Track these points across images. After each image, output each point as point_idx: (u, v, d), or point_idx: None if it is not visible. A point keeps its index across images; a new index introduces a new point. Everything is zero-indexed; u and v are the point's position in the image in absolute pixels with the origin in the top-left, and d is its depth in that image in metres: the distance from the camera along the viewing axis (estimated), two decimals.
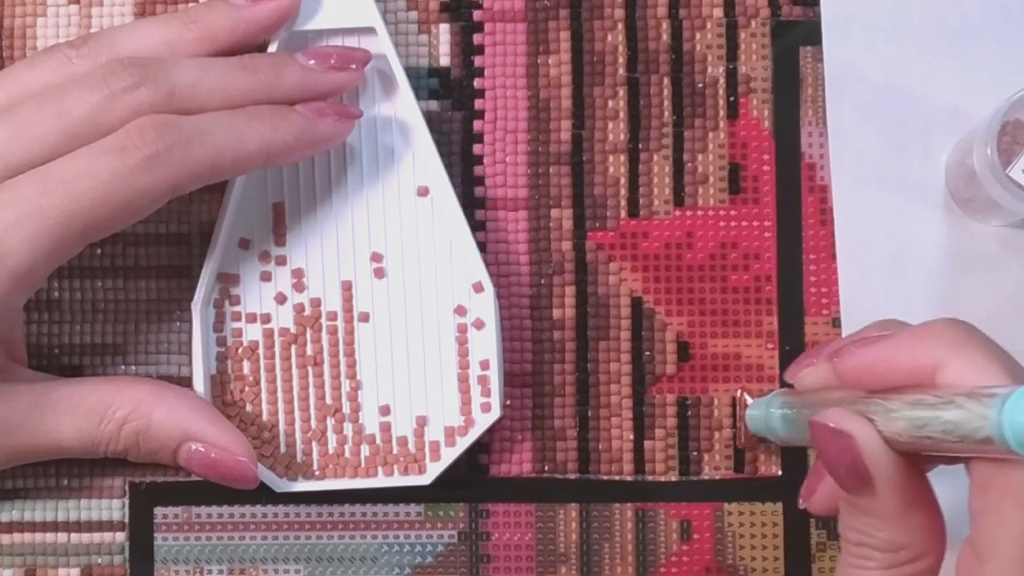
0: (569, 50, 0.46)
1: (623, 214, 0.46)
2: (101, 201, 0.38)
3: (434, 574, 0.46)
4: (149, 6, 0.46)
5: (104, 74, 0.40)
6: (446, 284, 0.45)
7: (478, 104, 0.46)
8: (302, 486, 0.45)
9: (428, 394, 0.45)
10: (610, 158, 0.46)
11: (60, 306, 0.46)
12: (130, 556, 0.46)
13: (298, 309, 0.45)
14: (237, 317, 0.45)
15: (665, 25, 0.46)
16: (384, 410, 0.45)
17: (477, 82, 0.46)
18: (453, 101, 0.46)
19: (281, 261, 0.45)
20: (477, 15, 0.46)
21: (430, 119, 0.45)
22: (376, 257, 0.45)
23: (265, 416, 0.45)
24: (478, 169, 0.46)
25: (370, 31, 0.44)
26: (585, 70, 0.46)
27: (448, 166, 0.45)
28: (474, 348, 0.45)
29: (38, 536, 0.46)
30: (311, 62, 0.42)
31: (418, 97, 0.45)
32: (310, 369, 0.45)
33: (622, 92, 0.46)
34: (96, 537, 0.46)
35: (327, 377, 0.45)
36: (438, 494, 0.45)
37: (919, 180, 0.46)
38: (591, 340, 0.46)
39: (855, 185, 0.46)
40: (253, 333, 0.45)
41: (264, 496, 0.45)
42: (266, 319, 0.45)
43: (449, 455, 0.45)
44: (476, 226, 0.46)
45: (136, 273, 0.46)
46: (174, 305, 0.46)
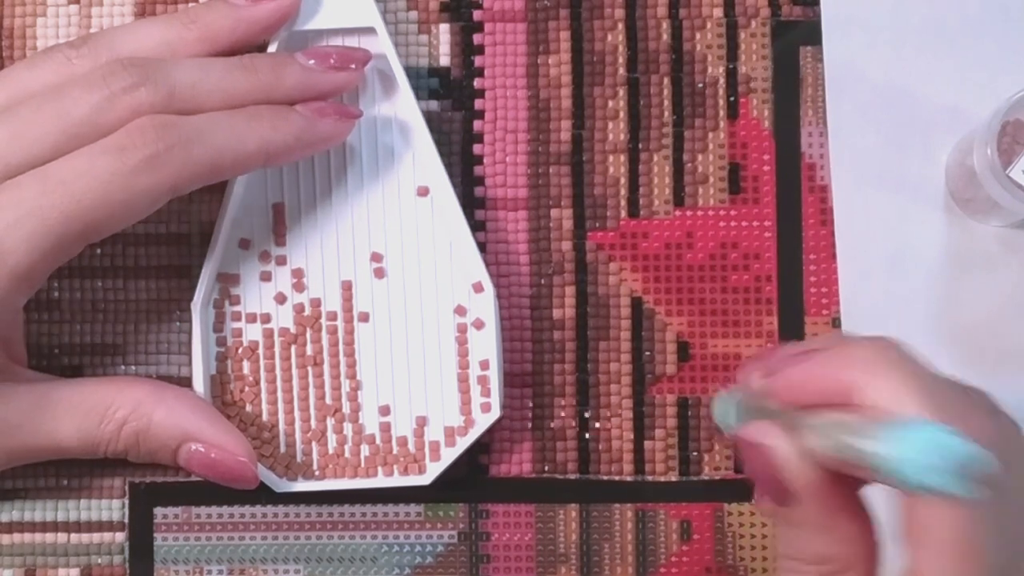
0: (569, 50, 0.46)
1: (623, 214, 0.46)
2: (101, 201, 0.38)
3: (434, 574, 0.46)
4: (149, 6, 0.46)
5: (104, 74, 0.40)
6: (446, 284, 0.45)
7: (478, 104, 0.46)
8: (302, 486, 0.45)
9: (428, 394, 0.45)
10: (610, 158, 0.46)
11: (60, 306, 0.46)
12: (130, 556, 0.46)
13: (298, 309, 0.45)
14: (237, 317, 0.45)
15: (665, 25, 0.46)
16: (384, 410, 0.45)
17: (477, 82, 0.46)
18: (453, 101, 0.46)
19: (281, 261, 0.45)
20: (477, 15, 0.46)
21: (430, 119, 0.45)
22: (376, 257, 0.45)
23: (265, 416, 0.45)
24: (478, 169, 0.46)
25: (370, 31, 0.44)
26: (585, 70, 0.46)
27: (448, 166, 0.45)
28: (474, 348, 0.45)
29: (38, 536, 0.46)
30: (311, 62, 0.42)
31: (418, 97, 0.45)
32: (310, 369, 0.45)
33: (622, 92, 0.46)
34: (96, 537, 0.46)
35: (327, 377, 0.45)
36: (438, 494, 0.45)
37: (919, 180, 0.46)
38: (591, 340, 0.46)
39: (855, 185, 0.46)
40: (253, 333, 0.45)
41: (264, 496, 0.45)
42: (266, 319, 0.45)
43: (449, 455, 0.44)
44: (476, 226, 0.46)
45: (136, 273, 0.46)
46: (174, 305, 0.46)
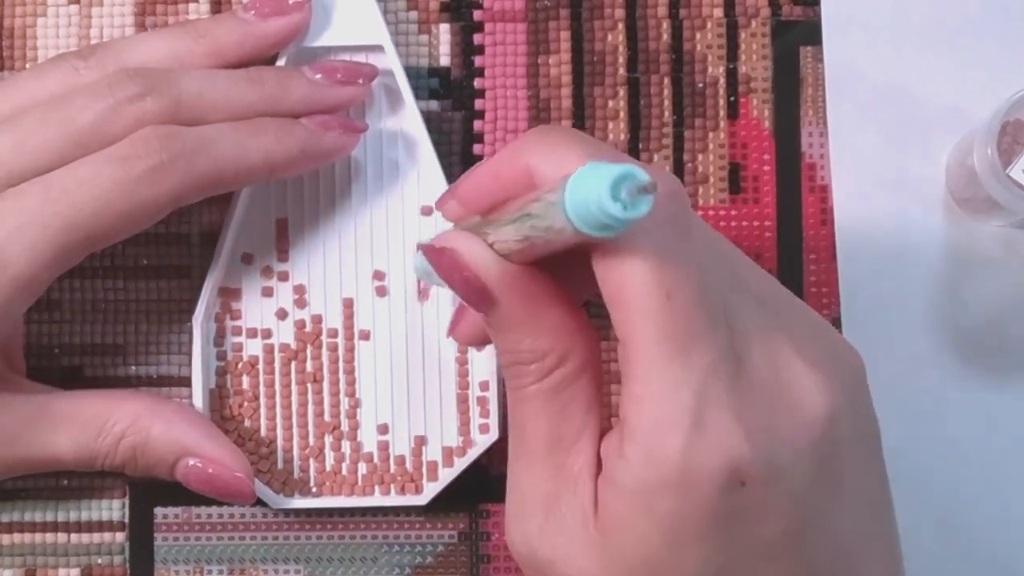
0: (569, 50, 0.46)
1: None
2: (103, 210, 0.38)
3: (434, 574, 0.46)
4: (149, 6, 0.46)
5: (110, 83, 0.40)
6: (447, 304, 0.45)
7: (478, 104, 0.46)
8: (299, 503, 0.44)
9: (427, 414, 0.45)
10: None
11: (60, 306, 0.46)
12: (130, 556, 0.46)
13: (299, 325, 0.45)
14: (238, 332, 0.45)
15: (665, 25, 0.46)
16: (382, 429, 0.45)
17: (477, 82, 0.46)
18: (453, 101, 0.46)
19: (283, 277, 0.45)
20: (477, 15, 0.46)
21: (430, 119, 0.45)
22: (378, 275, 0.45)
23: (263, 432, 0.45)
24: None
25: (378, 48, 0.44)
26: (585, 70, 0.46)
27: (448, 166, 0.45)
28: (474, 369, 0.45)
29: (38, 536, 0.45)
30: (318, 76, 0.42)
31: (418, 97, 0.45)
32: (309, 386, 0.45)
33: (622, 92, 0.46)
34: (96, 537, 0.46)
35: (326, 394, 0.45)
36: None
37: (919, 180, 0.46)
38: None
39: (855, 185, 0.46)
40: (253, 348, 0.45)
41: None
42: (267, 334, 0.45)
43: (446, 476, 0.44)
44: None
45: (136, 273, 0.46)
46: (174, 305, 0.46)
